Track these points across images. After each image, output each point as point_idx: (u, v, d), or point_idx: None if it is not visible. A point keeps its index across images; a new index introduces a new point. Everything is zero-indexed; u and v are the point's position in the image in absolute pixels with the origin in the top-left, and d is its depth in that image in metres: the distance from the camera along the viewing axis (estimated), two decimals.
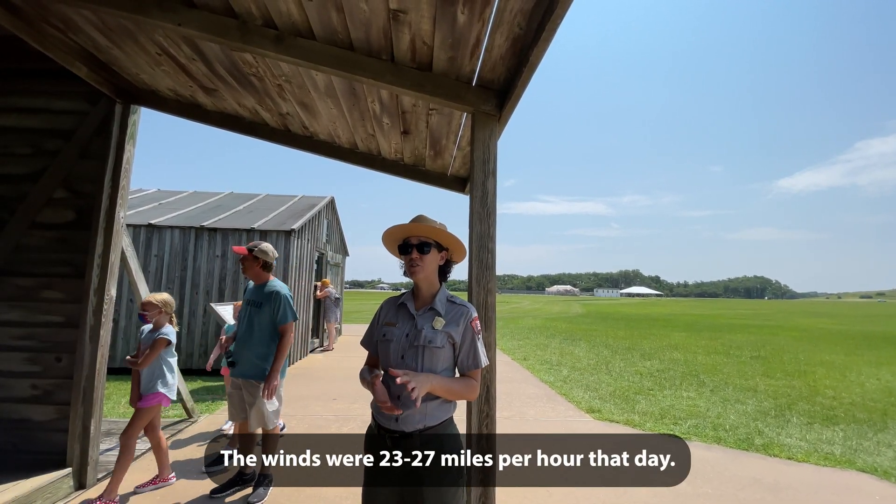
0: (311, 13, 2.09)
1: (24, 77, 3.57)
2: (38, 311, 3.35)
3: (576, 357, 10.05)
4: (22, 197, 3.43)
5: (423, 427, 1.51)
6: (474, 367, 1.58)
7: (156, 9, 2.22)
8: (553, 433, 4.56)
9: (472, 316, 1.60)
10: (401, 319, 1.62)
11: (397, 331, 1.59)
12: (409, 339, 1.55)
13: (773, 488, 3.47)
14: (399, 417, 1.51)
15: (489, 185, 2.24)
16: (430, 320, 1.57)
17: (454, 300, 1.65)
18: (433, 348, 1.52)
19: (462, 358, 1.58)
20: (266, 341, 3.09)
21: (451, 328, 1.56)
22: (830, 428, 5.17)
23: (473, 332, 1.58)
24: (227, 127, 3.75)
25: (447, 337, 1.55)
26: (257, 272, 3.19)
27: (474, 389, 1.59)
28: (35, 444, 3.26)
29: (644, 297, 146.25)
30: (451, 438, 1.55)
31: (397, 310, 1.66)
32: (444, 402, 1.56)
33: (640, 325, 19.95)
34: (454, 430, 1.60)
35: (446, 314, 1.59)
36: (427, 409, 1.51)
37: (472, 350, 1.58)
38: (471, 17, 1.89)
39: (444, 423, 1.55)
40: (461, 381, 1.57)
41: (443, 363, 1.55)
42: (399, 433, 1.51)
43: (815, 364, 9.94)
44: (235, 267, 7.57)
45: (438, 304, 1.60)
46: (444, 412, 1.56)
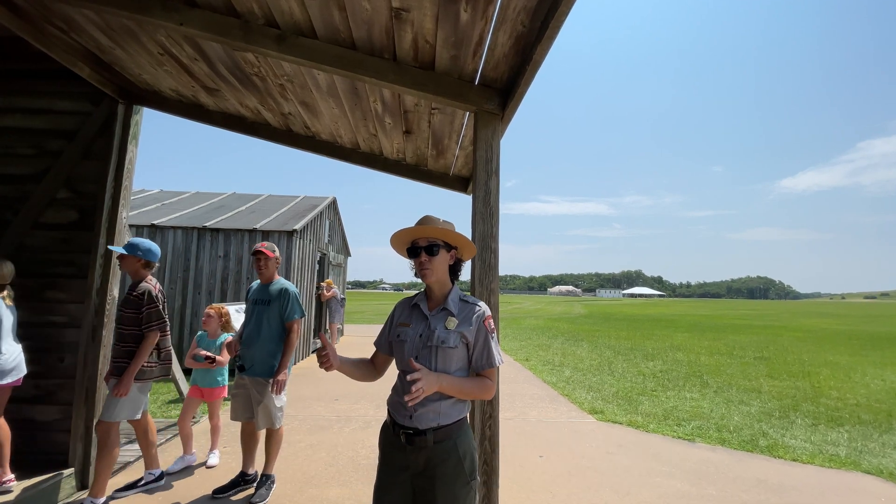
0: (313, 12, 2.09)
1: (28, 77, 3.58)
2: (40, 312, 3.36)
3: (578, 358, 10.02)
4: (25, 197, 3.44)
5: (437, 425, 1.51)
6: (488, 366, 1.57)
7: (158, 8, 2.22)
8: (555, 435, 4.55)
9: (485, 315, 1.59)
10: (414, 320, 1.62)
11: (411, 331, 1.60)
12: (422, 340, 1.56)
13: (777, 490, 3.44)
14: (413, 415, 1.51)
15: (492, 184, 2.23)
16: (443, 320, 1.57)
17: (467, 299, 1.64)
18: (446, 348, 1.52)
19: (476, 357, 1.57)
20: (276, 338, 3.12)
21: (464, 328, 1.55)
22: (835, 429, 5.13)
23: (487, 332, 1.57)
24: (230, 127, 3.75)
25: (460, 337, 1.54)
26: (273, 272, 3.26)
27: (489, 389, 1.57)
28: (37, 444, 3.27)
29: (647, 298, 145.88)
30: (464, 438, 1.55)
31: (411, 310, 1.66)
32: (459, 401, 1.56)
33: (643, 326, 19.89)
34: (467, 429, 1.59)
35: (459, 314, 1.59)
36: (441, 407, 1.51)
37: (485, 349, 1.57)
38: (474, 14, 1.88)
39: (458, 423, 1.55)
40: (474, 381, 1.56)
41: (456, 363, 1.55)
42: (413, 430, 1.51)
43: (819, 365, 9.88)
44: (237, 267, 7.58)
45: (451, 304, 1.60)
46: (457, 412, 1.55)
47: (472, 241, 2.24)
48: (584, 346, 12.25)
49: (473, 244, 1.68)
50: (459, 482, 1.50)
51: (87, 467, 3.14)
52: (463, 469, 1.51)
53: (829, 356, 11.36)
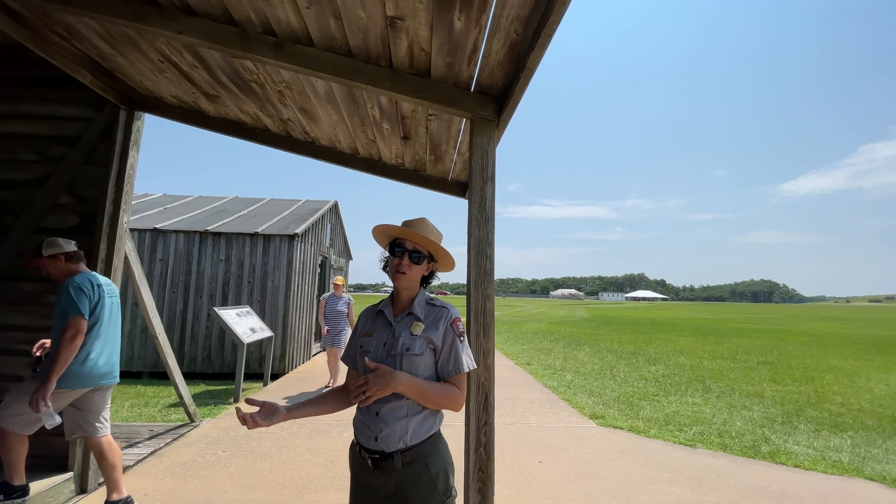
0: (309, 20, 2.11)
1: (31, 84, 3.62)
2: (41, 316, 3.38)
3: (580, 362, 9.98)
4: (27, 202, 3.47)
5: (405, 446, 1.39)
6: (455, 372, 1.45)
7: (157, 17, 2.25)
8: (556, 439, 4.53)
9: (452, 317, 1.50)
10: (378, 328, 1.53)
11: (374, 340, 1.50)
12: (386, 349, 1.46)
13: (779, 497, 3.42)
14: (379, 436, 1.39)
15: (487, 190, 2.23)
16: (409, 326, 1.48)
17: (434, 302, 1.56)
18: (412, 356, 1.42)
19: (442, 363, 1.46)
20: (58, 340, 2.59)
21: (430, 332, 1.46)
22: (838, 435, 5.09)
23: (454, 335, 1.47)
24: (230, 133, 3.77)
25: (427, 342, 1.45)
26: (64, 272, 2.75)
27: (456, 398, 1.44)
28: (37, 448, 3.26)
29: (650, 302, 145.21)
30: (436, 456, 1.43)
31: (375, 318, 1.57)
32: (428, 416, 1.45)
33: (646, 330, 19.80)
34: (440, 445, 1.48)
35: (426, 318, 1.50)
36: (409, 425, 1.40)
37: (452, 354, 1.46)
38: (467, 23, 1.89)
39: (428, 441, 1.43)
40: (439, 387, 1.43)
41: (423, 371, 1.44)
42: (379, 453, 1.39)
43: (823, 369, 9.80)
44: (239, 271, 7.61)
45: (417, 308, 1.51)
46: (427, 428, 1.44)
47: (468, 246, 2.24)
48: (586, 350, 12.21)
49: (454, 262, 1.62)
50: (434, 502, 1.40)
51: (85, 472, 3.15)
52: (436, 488, 1.40)
53: (833, 360, 11.28)
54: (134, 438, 4.21)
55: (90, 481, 3.19)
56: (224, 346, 7.38)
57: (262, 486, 3.31)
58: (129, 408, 5.38)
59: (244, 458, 3.83)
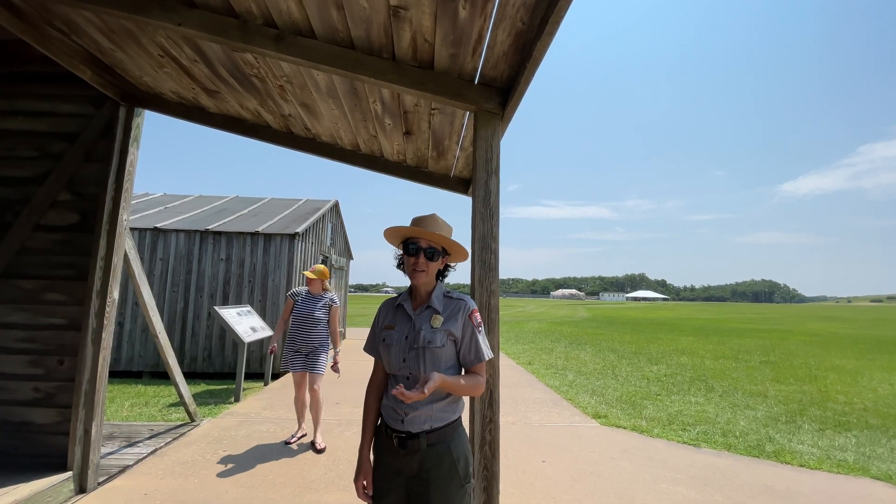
0: (310, 11, 2.07)
1: (31, 81, 3.59)
2: (40, 314, 3.35)
3: (581, 361, 9.94)
4: (26, 199, 3.44)
5: (430, 428, 1.48)
6: (477, 361, 1.54)
7: (156, 8, 2.22)
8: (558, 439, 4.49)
9: (470, 308, 1.57)
10: (399, 321, 1.59)
11: (396, 334, 1.56)
12: (408, 342, 1.52)
13: (784, 496, 3.38)
14: (405, 419, 1.49)
15: (492, 184, 2.20)
16: (428, 319, 1.54)
17: (451, 294, 1.62)
18: (434, 349, 1.49)
19: (464, 353, 1.55)
20: None
21: (450, 325, 1.53)
22: (843, 434, 5.05)
23: (473, 326, 1.55)
24: (230, 129, 3.74)
25: (447, 335, 1.52)
26: None
27: (479, 386, 1.54)
28: (36, 448, 3.25)
29: (651, 302, 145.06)
30: (457, 441, 1.52)
31: (395, 311, 1.63)
32: (451, 403, 1.53)
33: (647, 330, 19.75)
34: (462, 432, 1.56)
35: (444, 310, 1.56)
36: (433, 410, 1.49)
37: (473, 344, 1.54)
38: (472, 12, 1.86)
39: (451, 425, 1.52)
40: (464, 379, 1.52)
41: (446, 362, 1.51)
42: (405, 433, 1.48)
43: (826, 369, 9.76)
44: (240, 270, 7.58)
45: (435, 301, 1.57)
46: (450, 413, 1.52)
47: (472, 241, 2.22)
48: (588, 349, 12.16)
49: (467, 251, 1.66)
50: (454, 485, 1.47)
51: (85, 471, 3.12)
52: (457, 472, 1.48)
53: (836, 360, 11.22)
54: (134, 438, 4.18)
55: (89, 481, 3.16)
56: (225, 345, 7.35)
57: (263, 485, 3.28)
58: (130, 407, 5.35)
59: (245, 458, 3.80)
